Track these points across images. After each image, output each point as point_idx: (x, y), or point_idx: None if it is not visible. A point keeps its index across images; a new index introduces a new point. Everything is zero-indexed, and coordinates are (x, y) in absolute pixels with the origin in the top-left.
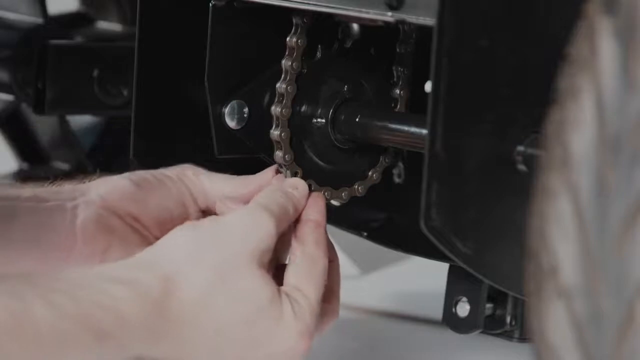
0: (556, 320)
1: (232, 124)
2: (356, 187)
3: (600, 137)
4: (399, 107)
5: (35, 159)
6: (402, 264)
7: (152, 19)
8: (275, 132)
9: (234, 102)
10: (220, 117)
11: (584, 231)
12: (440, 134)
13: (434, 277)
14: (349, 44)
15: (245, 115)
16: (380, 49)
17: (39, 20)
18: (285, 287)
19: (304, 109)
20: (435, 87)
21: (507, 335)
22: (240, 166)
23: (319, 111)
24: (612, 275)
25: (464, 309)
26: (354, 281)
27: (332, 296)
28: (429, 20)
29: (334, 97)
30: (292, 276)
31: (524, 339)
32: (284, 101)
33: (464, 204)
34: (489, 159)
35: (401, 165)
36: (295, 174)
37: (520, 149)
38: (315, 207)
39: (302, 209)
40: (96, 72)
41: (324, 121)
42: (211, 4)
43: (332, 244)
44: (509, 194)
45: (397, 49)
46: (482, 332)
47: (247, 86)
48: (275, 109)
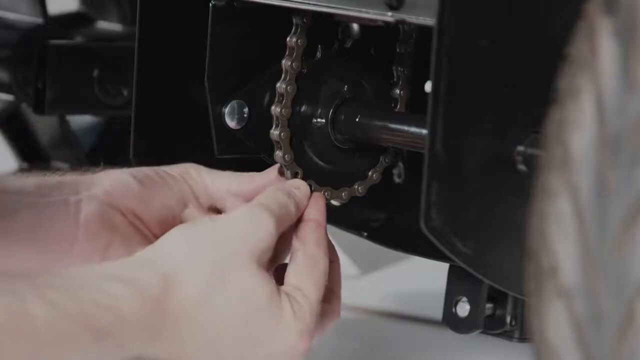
0: (556, 320)
1: (232, 124)
2: (356, 187)
3: (600, 137)
4: (399, 107)
5: (35, 159)
6: (402, 264)
7: (152, 19)
8: (275, 132)
9: (234, 102)
10: (220, 117)
11: (584, 231)
12: (440, 134)
13: (434, 277)
14: (349, 44)
15: (245, 115)
16: (380, 49)
17: (39, 20)
18: (285, 287)
19: (304, 109)
20: (435, 87)
21: (507, 335)
22: (240, 166)
23: (319, 111)
24: (612, 275)
25: (464, 309)
26: (354, 281)
27: (332, 296)
28: (429, 20)
29: (334, 97)
30: (293, 276)
31: (524, 339)
32: (284, 101)
33: (464, 204)
34: (489, 159)
35: (401, 165)
36: (295, 174)
37: (520, 149)
38: (315, 207)
39: (304, 209)
40: (96, 72)
41: (324, 121)
42: (211, 4)
43: (332, 245)
44: (509, 194)
45: (397, 49)
46: (482, 332)
47: (247, 86)
48: (275, 109)
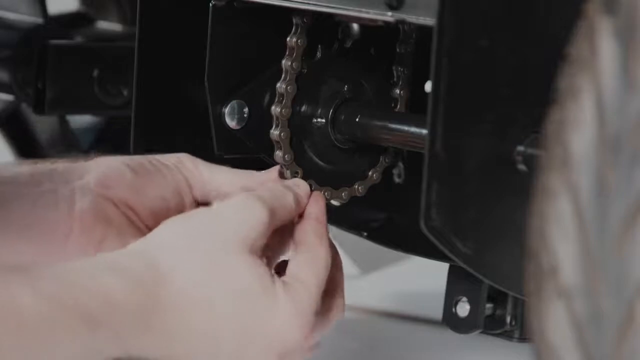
0: (556, 320)
1: (232, 123)
2: (356, 187)
3: (600, 137)
4: (399, 107)
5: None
6: (402, 264)
7: (152, 19)
8: (275, 132)
9: (234, 102)
10: (220, 117)
11: (584, 231)
12: (440, 134)
13: (434, 277)
14: (349, 44)
15: (245, 115)
16: (380, 49)
17: (39, 20)
18: (285, 277)
19: (304, 109)
20: (435, 87)
21: (507, 335)
22: (240, 167)
23: (319, 111)
24: (612, 275)
25: (464, 309)
26: (354, 281)
27: (336, 291)
28: (429, 20)
29: (334, 97)
30: (293, 267)
31: (524, 339)
32: (284, 101)
33: (464, 204)
34: (489, 159)
35: (401, 165)
36: (295, 174)
37: (520, 149)
38: (316, 206)
39: (304, 207)
40: (96, 72)
41: (324, 121)
42: (211, 4)
43: (333, 244)
44: (509, 194)
45: (397, 49)
46: (482, 332)
47: (247, 86)
48: (275, 109)
